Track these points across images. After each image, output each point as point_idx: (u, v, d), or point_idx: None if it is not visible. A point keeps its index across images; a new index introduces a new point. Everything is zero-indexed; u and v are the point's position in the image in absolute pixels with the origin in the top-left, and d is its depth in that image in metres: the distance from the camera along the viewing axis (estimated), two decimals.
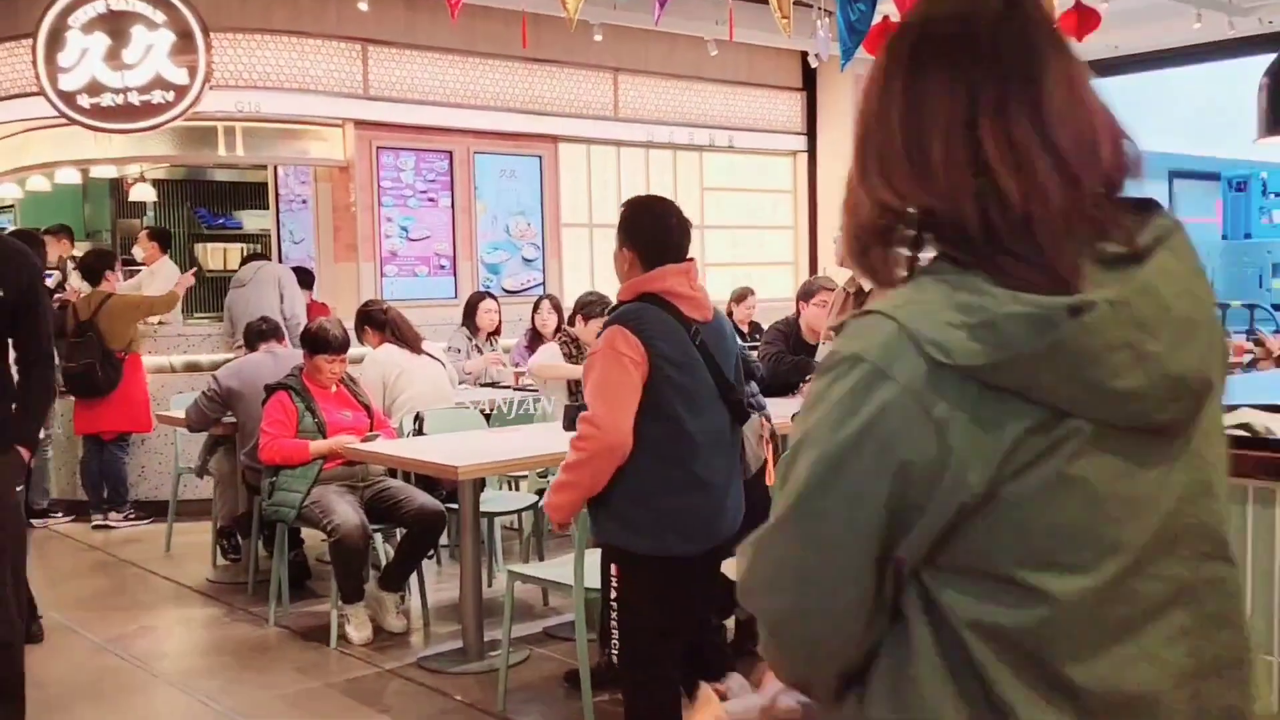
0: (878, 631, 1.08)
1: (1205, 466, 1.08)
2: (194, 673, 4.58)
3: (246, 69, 7.52)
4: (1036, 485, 1.00)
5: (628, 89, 9.34)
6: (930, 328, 1.00)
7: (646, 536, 3.02)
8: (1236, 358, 7.90)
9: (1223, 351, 1.10)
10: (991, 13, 1.08)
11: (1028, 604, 1.01)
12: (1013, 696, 1.01)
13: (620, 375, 2.93)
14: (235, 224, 10.67)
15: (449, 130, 8.32)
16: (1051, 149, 1.04)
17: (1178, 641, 1.05)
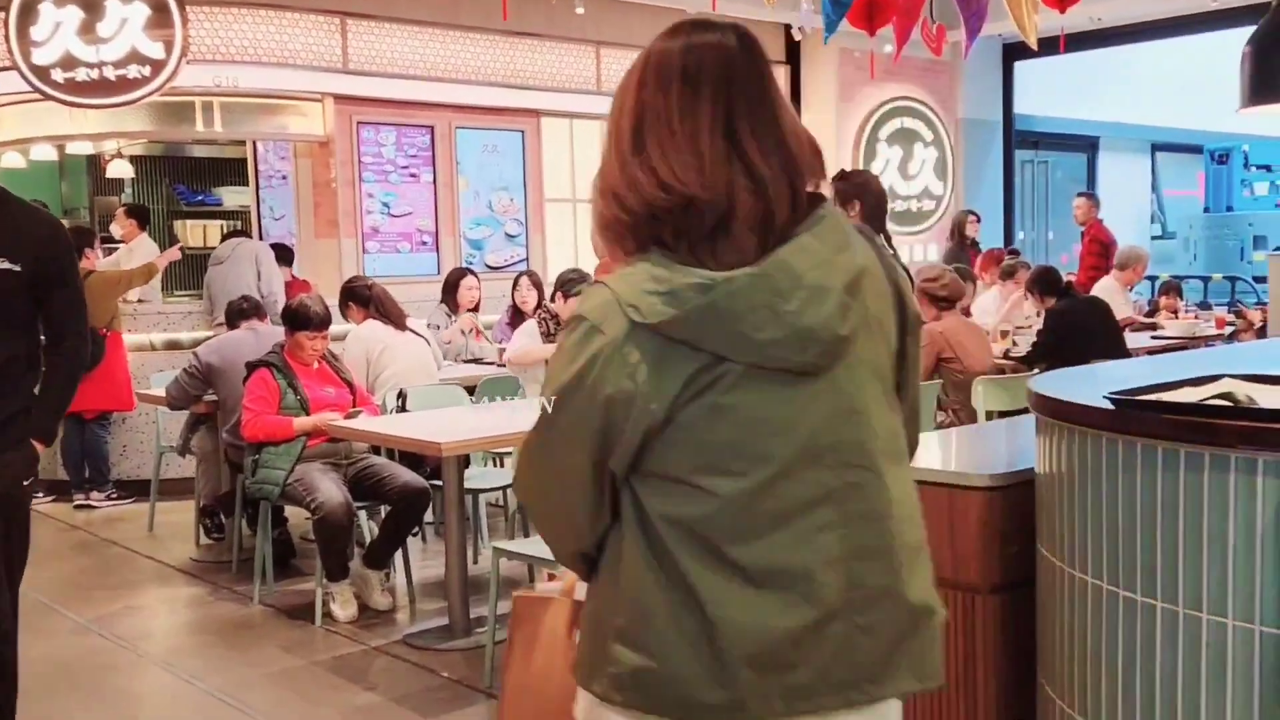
0: (602, 524, 1.45)
1: (849, 397, 1.42)
2: (178, 652, 4.56)
3: (224, 43, 7.42)
4: (700, 412, 1.36)
5: (610, 62, 9.27)
6: (632, 295, 1.35)
7: None
8: (1218, 329, 7.95)
9: (864, 310, 1.41)
10: (736, 51, 1.42)
11: (699, 500, 1.38)
12: (691, 569, 1.38)
13: None
14: (215, 200, 10.58)
15: (430, 105, 8.25)
16: (785, 154, 1.39)
17: (826, 531, 1.39)
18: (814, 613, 1.39)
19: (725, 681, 1.38)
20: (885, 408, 1.48)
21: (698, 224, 1.37)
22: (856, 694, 1.42)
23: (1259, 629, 1.88)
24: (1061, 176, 14.47)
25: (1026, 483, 2.47)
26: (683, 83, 1.40)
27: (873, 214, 4.21)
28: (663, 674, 1.39)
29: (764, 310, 1.34)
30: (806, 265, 1.37)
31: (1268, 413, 1.89)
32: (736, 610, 1.38)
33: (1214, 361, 2.96)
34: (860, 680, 1.42)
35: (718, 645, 1.38)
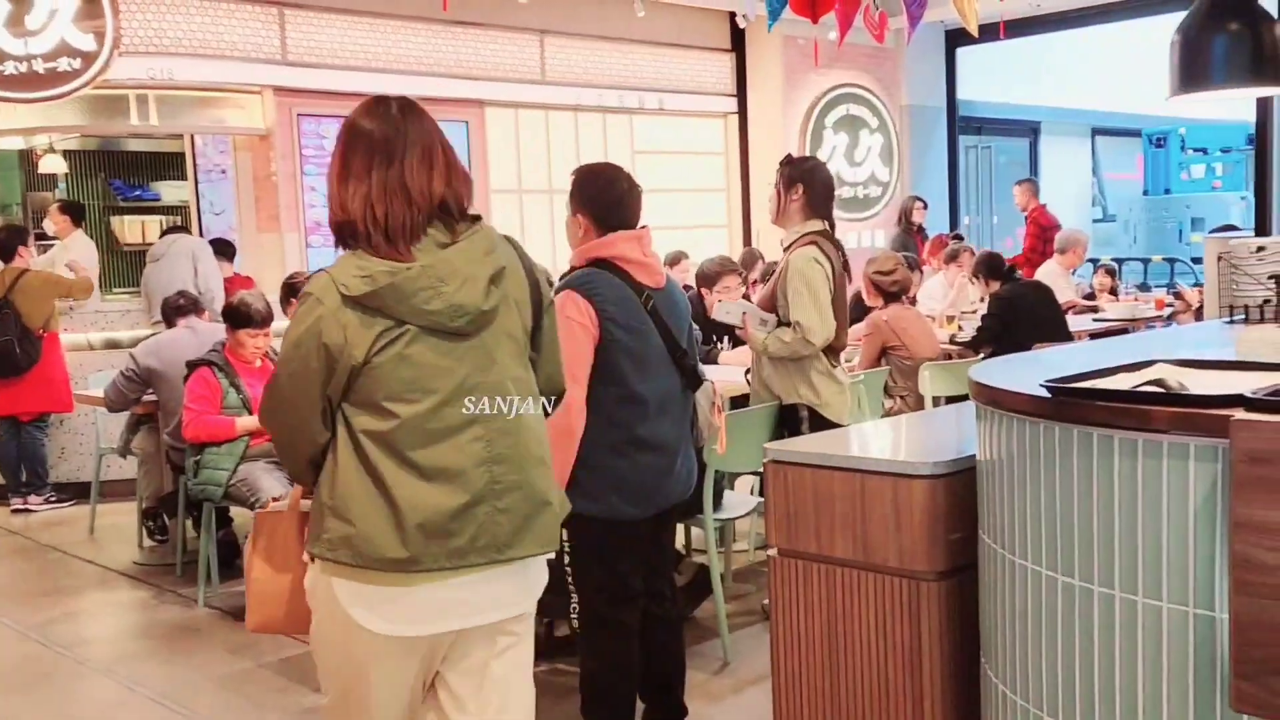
0: (324, 437, 2.07)
1: (491, 351, 2.10)
2: (122, 658, 4.48)
3: (158, 34, 7.28)
4: (388, 358, 2.01)
5: (555, 51, 9.22)
6: (343, 277, 2.00)
7: (592, 498, 3.01)
8: (1157, 310, 8.07)
9: (504, 293, 2.11)
10: (400, 120, 2.09)
11: (387, 419, 2.02)
12: (381, 465, 2.02)
13: (570, 343, 2.92)
14: (153, 195, 10.39)
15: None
16: (404, 190, 2.03)
17: (475, 442, 2.06)
18: (466, 497, 2.05)
19: (405, 543, 2.01)
20: (519, 361, 2.18)
21: (375, 233, 2.01)
22: (497, 555, 2.09)
23: (1192, 611, 1.90)
24: (1005, 161, 14.63)
25: (969, 470, 2.49)
26: (363, 143, 2.06)
27: (818, 200, 4.20)
28: (360, 537, 2.02)
29: (430, 290, 2.01)
30: (462, 262, 2.05)
31: (1198, 398, 1.91)
32: (412, 494, 2.01)
33: (1150, 346, 3.00)
34: (500, 545, 2.09)
35: (399, 518, 2.01)
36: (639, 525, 3.10)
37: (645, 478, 3.07)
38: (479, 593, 2.10)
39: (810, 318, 4.01)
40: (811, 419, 4.09)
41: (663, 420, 3.10)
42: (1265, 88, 3.12)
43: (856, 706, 2.68)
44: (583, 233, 3.12)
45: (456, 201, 2.09)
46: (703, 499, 4.12)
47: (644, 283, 3.08)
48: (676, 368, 3.14)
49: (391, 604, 2.05)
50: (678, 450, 3.17)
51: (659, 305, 3.09)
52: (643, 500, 3.08)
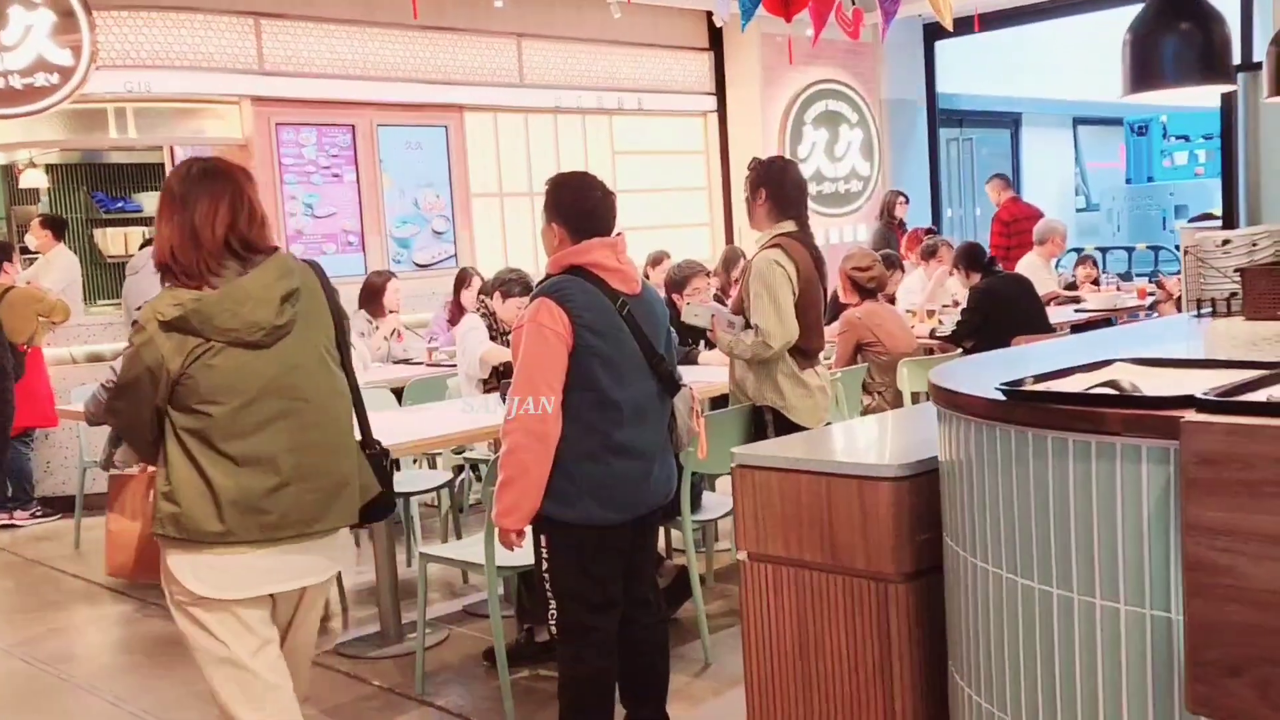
0: (155, 433, 2.52)
1: (290, 358, 2.54)
2: (106, 673, 4.48)
3: (134, 47, 7.27)
4: (200, 369, 2.45)
5: (532, 55, 9.21)
6: (160, 306, 2.45)
7: (569, 504, 3.02)
8: (1139, 300, 8.10)
9: (298, 310, 2.56)
10: (189, 179, 2.56)
11: (202, 419, 2.46)
12: (200, 457, 2.48)
13: (542, 345, 2.95)
14: (135, 207, 10.37)
15: (350, 103, 8.14)
16: (194, 235, 2.49)
17: (282, 433, 2.51)
18: (276, 480, 2.51)
19: (221, 519, 2.47)
20: (322, 365, 2.62)
21: (177, 270, 2.49)
22: (305, 528, 2.56)
23: (1149, 612, 1.91)
24: (986, 153, 14.64)
25: (935, 470, 2.50)
26: (168, 199, 2.54)
27: (786, 201, 4.20)
28: (185, 515, 2.48)
29: (228, 312, 2.46)
30: (255, 287, 2.49)
31: (1149, 400, 1.93)
32: (226, 479, 2.47)
33: (1114, 343, 3.01)
34: (308, 520, 2.56)
35: (216, 499, 2.47)
36: (617, 531, 3.10)
37: (623, 483, 3.08)
38: (292, 561, 2.58)
39: (769, 322, 4.01)
40: (777, 421, 4.10)
41: (640, 426, 3.11)
42: (1215, 86, 3.13)
43: (828, 709, 2.69)
44: (558, 241, 3.14)
45: (242, 240, 2.52)
46: (681, 501, 4.13)
47: (619, 289, 3.09)
48: (654, 374, 3.15)
49: (212, 570, 2.52)
50: (655, 456, 3.18)
51: (634, 312, 3.10)
52: (621, 506, 3.09)
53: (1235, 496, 1.74)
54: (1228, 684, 1.77)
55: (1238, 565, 1.75)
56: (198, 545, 2.49)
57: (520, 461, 2.98)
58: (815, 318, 4.20)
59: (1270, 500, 1.71)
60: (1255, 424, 1.74)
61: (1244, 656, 1.75)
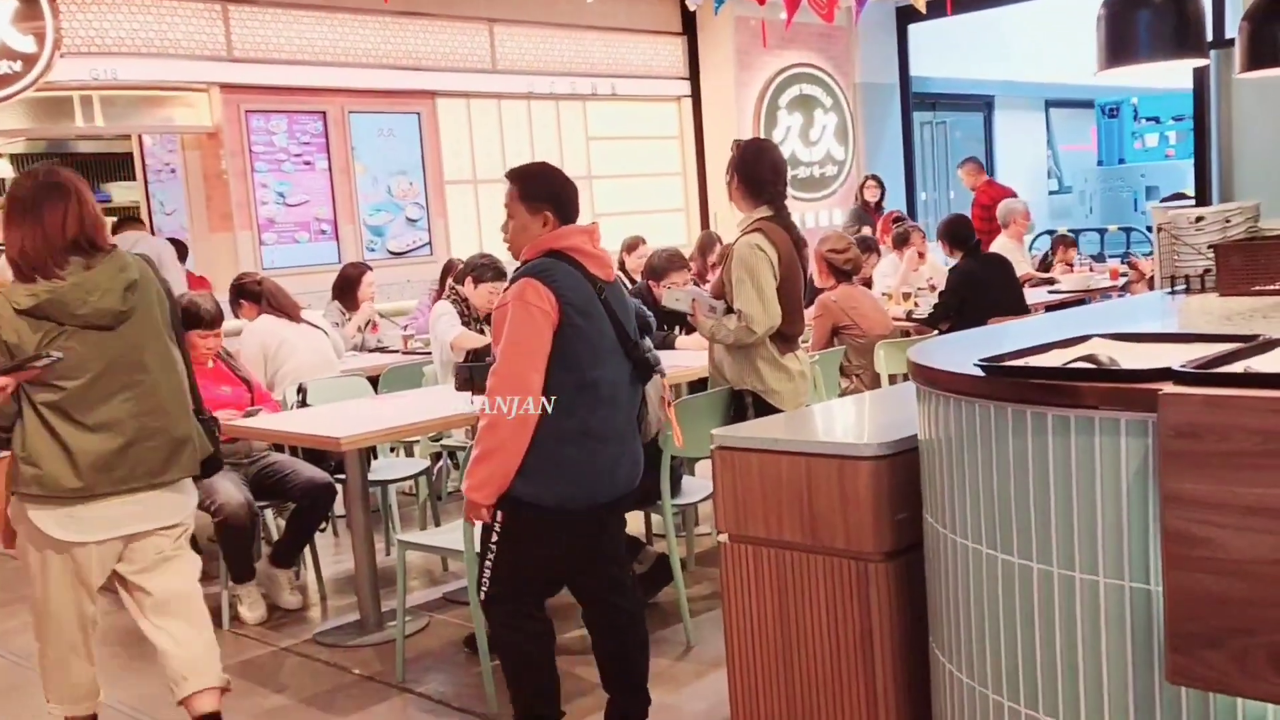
0: (12, 411, 2.91)
1: (133, 339, 2.98)
2: None
3: (99, 34, 7.18)
4: (54, 349, 2.84)
5: (505, 40, 9.16)
6: (14, 296, 2.85)
7: (537, 484, 3.01)
8: (1112, 280, 8.15)
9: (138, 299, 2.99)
10: (34, 185, 2.95)
11: (57, 392, 2.88)
12: (57, 425, 2.89)
13: (528, 322, 2.94)
14: (103, 197, 10.26)
15: (320, 90, 8.08)
16: (45, 236, 2.90)
17: (127, 402, 2.96)
18: (123, 440, 2.95)
19: (79, 477, 2.91)
20: (159, 342, 3.07)
21: (25, 266, 2.87)
22: (152, 479, 3.05)
23: (1128, 585, 1.92)
24: (960, 136, 14.68)
25: (914, 450, 2.50)
26: (16, 204, 2.93)
27: (762, 184, 4.17)
28: (46, 476, 2.90)
29: (79, 300, 2.87)
30: (102, 278, 2.91)
31: (1127, 373, 1.93)
32: (81, 443, 2.90)
33: (1089, 320, 3.02)
34: (155, 473, 3.05)
35: (74, 460, 2.90)
36: (579, 515, 3.10)
37: (593, 468, 3.08)
38: (141, 508, 3.05)
39: (753, 307, 4.01)
40: (758, 405, 4.10)
41: (613, 410, 3.11)
42: (1189, 59, 3.14)
43: (810, 688, 2.69)
44: (549, 227, 3.11)
45: (87, 238, 2.93)
46: (661, 485, 4.13)
47: (596, 274, 3.10)
48: (628, 358, 3.15)
49: (73, 519, 2.97)
50: (626, 442, 3.18)
51: (609, 298, 3.11)
52: (588, 491, 3.08)
53: (1213, 468, 1.75)
54: (1207, 655, 1.78)
55: (1216, 537, 1.75)
56: (59, 500, 2.94)
57: (500, 437, 2.97)
58: (795, 302, 4.19)
59: (1248, 471, 1.72)
60: (1232, 395, 1.75)
61: (1223, 627, 1.76)
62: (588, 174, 9.86)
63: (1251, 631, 1.73)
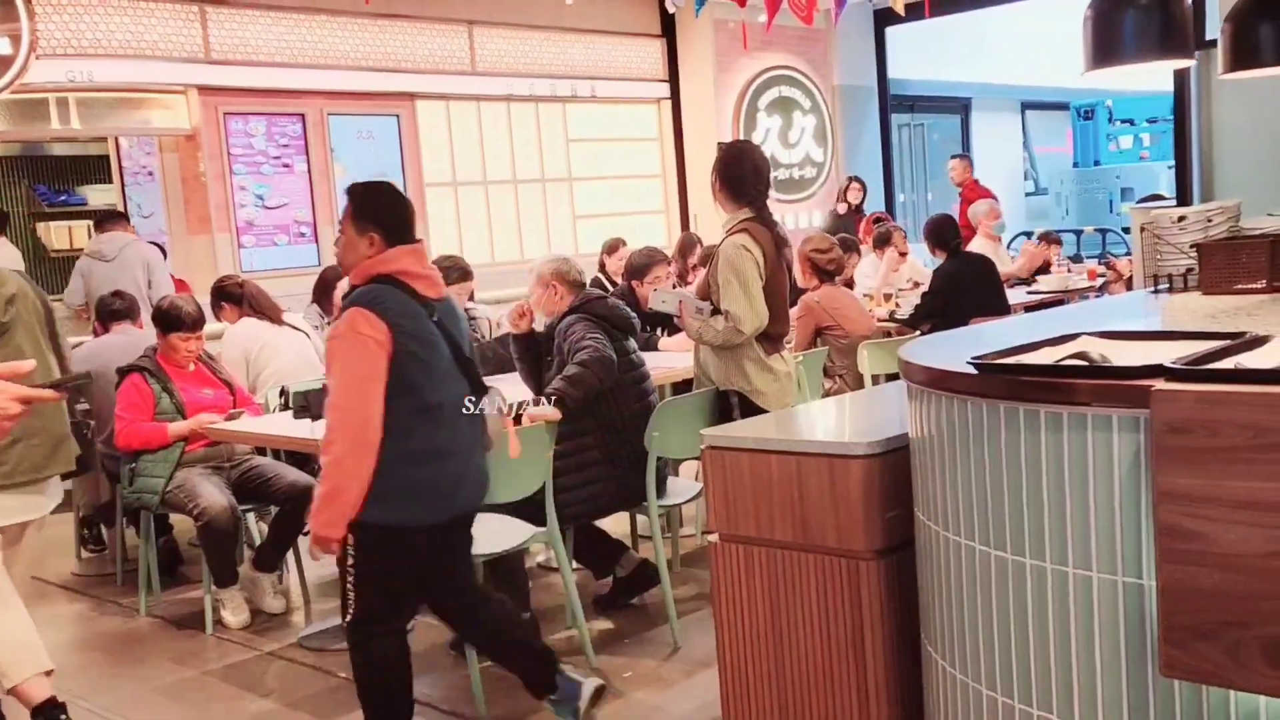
0: None
1: (18, 346, 3.33)
2: (63, 672, 4.35)
3: (76, 36, 7.12)
4: None
5: (484, 42, 9.15)
6: None
7: (386, 507, 3.04)
8: (1090, 281, 8.21)
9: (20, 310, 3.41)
10: None
11: None
12: None
13: (362, 354, 2.96)
14: (79, 200, 10.16)
15: (299, 92, 8.04)
16: None
17: None
18: (8, 440, 3.00)
19: None
20: (38, 348, 3.37)
21: None
22: (36, 474, 3.38)
23: (1121, 579, 1.94)
24: (938, 138, 14.77)
25: (904, 448, 2.51)
26: None
27: (739, 185, 4.18)
28: None
29: None
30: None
31: (1119, 370, 1.95)
32: None
33: (1075, 319, 3.05)
34: (38, 467, 3.39)
35: None
36: (430, 532, 3.16)
37: (440, 486, 3.12)
38: (26, 501, 3.40)
39: (740, 307, 4.02)
40: (743, 406, 4.10)
41: (456, 428, 3.16)
42: (1174, 60, 3.17)
43: (802, 686, 2.70)
44: (369, 247, 3.10)
45: None
46: (647, 486, 4.14)
47: (427, 295, 3.11)
48: (464, 376, 3.20)
49: None
50: (469, 459, 3.23)
51: (442, 317, 3.14)
52: (436, 508, 3.13)
53: (1205, 463, 1.77)
54: (1200, 647, 1.80)
55: (1208, 531, 1.77)
56: None
57: (345, 472, 2.98)
58: (780, 303, 4.20)
59: (1239, 466, 1.74)
60: (1224, 391, 1.77)
61: (1215, 620, 1.78)
62: (568, 176, 9.85)
63: (1244, 624, 1.75)
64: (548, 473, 3.91)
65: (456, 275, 5.60)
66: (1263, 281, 3.07)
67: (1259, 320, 2.62)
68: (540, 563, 5.14)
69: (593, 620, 4.36)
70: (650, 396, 4.32)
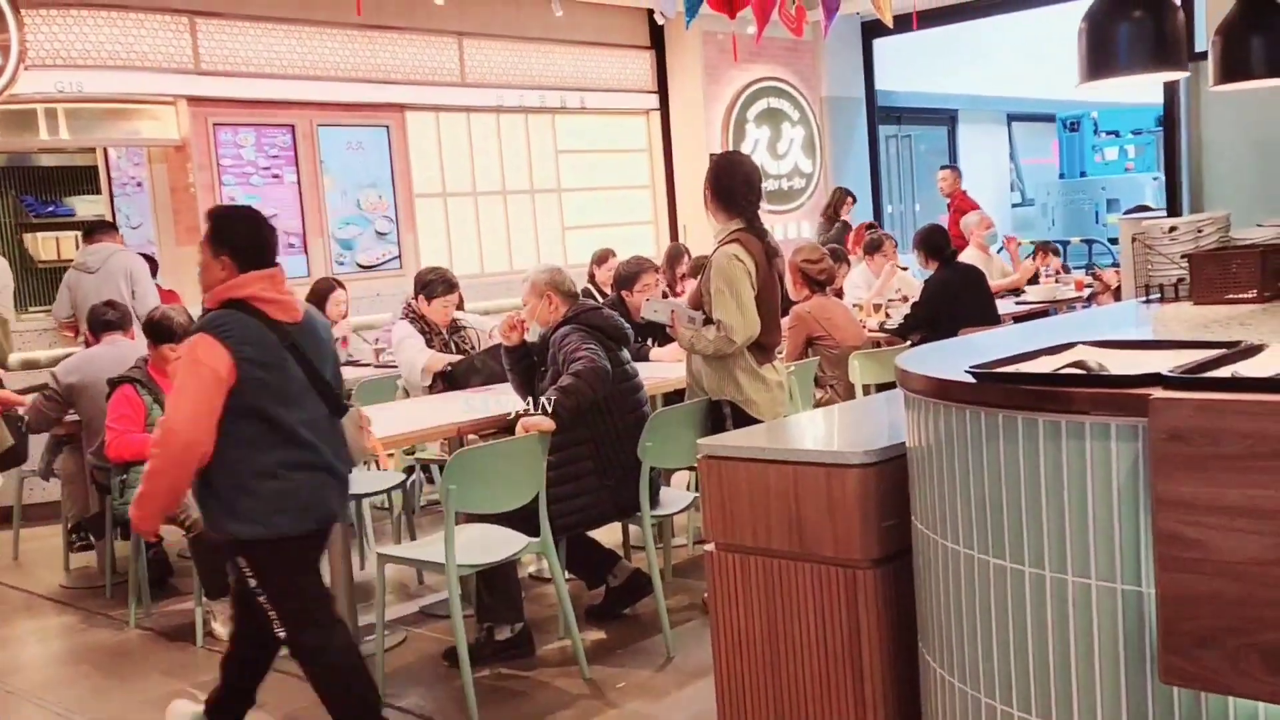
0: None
1: None
2: (52, 685, 4.37)
3: (65, 46, 7.10)
4: None
5: (474, 53, 9.16)
6: None
7: (260, 523, 3.14)
8: (1077, 291, 8.25)
9: None
10: None
11: None
12: None
13: (197, 382, 3.06)
14: (67, 211, 10.10)
15: (289, 103, 8.03)
16: None
17: None
18: None
19: None
20: None
21: None
22: None
23: (1120, 587, 1.94)
24: (925, 149, 14.84)
25: (900, 457, 2.52)
26: None
27: (729, 197, 4.20)
28: None
29: None
30: None
31: (1117, 379, 1.96)
32: None
33: (1070, 328, 3.06)
34: None
35: None
36: (310, 539, 3.26)
37: (307, 494, 3.20)
38: None
39: (732, 317, 4.03)
40: (736, 416, 4.11)
41: (313, 449, 3.22)
42: (1168, 72, 3.20)
43: (799, 696, 2.70)
44: (227, 273, 3.19)
45: None
46: (640, 497, 4.14)
47: (279, 319, 3.18)
48: (320, 395, 3.26)
49: None
50: (330, 473, 3.29)
51: (298, 339, 3.21)
52: (309, 514, 3.22)
53: (1204, 471, 1.78)
54: (1199, 654, 1.81)
55: (1207, 538, 1.78)
56: None
57: (160, 485, 3.16)
58: (772, 313, 4.22)
59: (1238, 473, 1.75)
60: (1222, 399, 1.78)
61: (1215, 627, 1.79)
62: (557, 187, 9.87)
63: (1243, 631, 1.76)
64: (541, 483, 3.91)
65: (442, 288, 5.59)
66: (1254, 291, 3.10)
67: (1252, 329, 2.64)
68: (532, 573, 5.13)
69: (586, 631, 4.36)
70: (643, 407, 4.33)
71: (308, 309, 3.35)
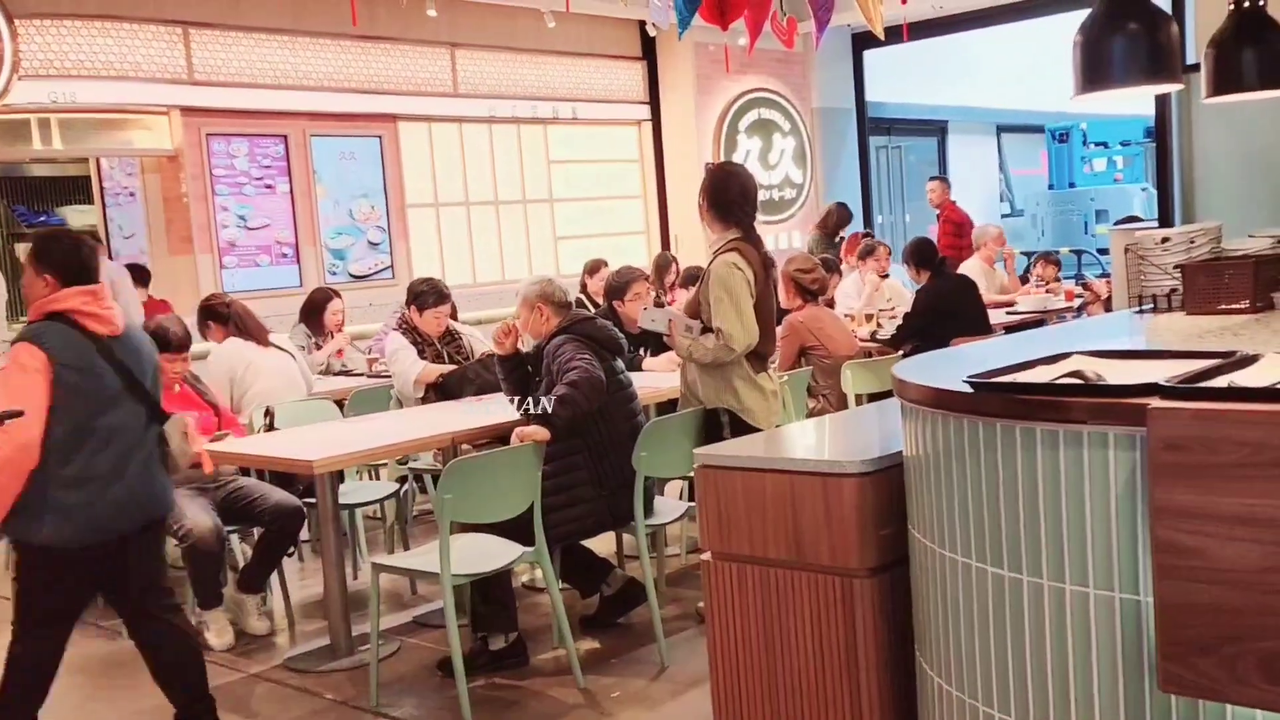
0: None
1: None
2: None
3: (59, 57, 7.10)
4: None
5: (466, 64, 9.18)
6: None
7: (44, 527, 3.26)
8: (1068, 302, 8.28)
9: None
10: None
11: None
12: None
13: (26, 383, 3.21)
14: (58, 221, 10.07)
15: (282, 114, 8.04)
16: None
17: None
18: None
19: None
20: None
21: None
22: None
23: (1118, 595, 1.96)
24: (915, 160, 14.89)
25: (897, 466, 2.53)
26: None
27: (725, 207, 4.22)
28: None
29: None
30: None
31: (1115, 388, 1.97)
32: None
33: (1065, 338, 3.08)
34: None
35: None
36: (90, 551, 3.34)
37: (95, 509, 3.31)
38: None
39: (732, 325, 4.05)
40: (733, 424, 4.12)
41: (119, 456, 3.35)
42: (1162, 85, 3.23)
43: (795, 704, 2.71)
44: (49, 289, 3.38)
45: None
46: (634, 506, 4.14)
47: (96, 330, 3.34)
48: (140, 404, 3.41)
49: None
50: (138, 479, 3.40)
51: (116, 350, 3.37)
52: (94, 530, 3.31)
53: (1202, 480, 1.79)
54: (1198, 662, 1.82)
55: (1205, 546, 1.79)
56: None
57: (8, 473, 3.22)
58: (768, 322, 4.24)
59: (1235, 482, 1.76)
60: (1219, 408, 1.79)
61: (1213, 635, 1.80)
62: (549, 197, 9.88)
63: (1241, 639, 1.77)
64: (536, 493, 3.91)
65: (434, 299, 5.58)
66: (1246, 302, 3.12)
67: (1245, 339, 2.66)
68: (526, 582, 5.13)
69: (580, 640, 4.36)
70: (638, 417, 4.33)
71: (130, 324, 3.53)
